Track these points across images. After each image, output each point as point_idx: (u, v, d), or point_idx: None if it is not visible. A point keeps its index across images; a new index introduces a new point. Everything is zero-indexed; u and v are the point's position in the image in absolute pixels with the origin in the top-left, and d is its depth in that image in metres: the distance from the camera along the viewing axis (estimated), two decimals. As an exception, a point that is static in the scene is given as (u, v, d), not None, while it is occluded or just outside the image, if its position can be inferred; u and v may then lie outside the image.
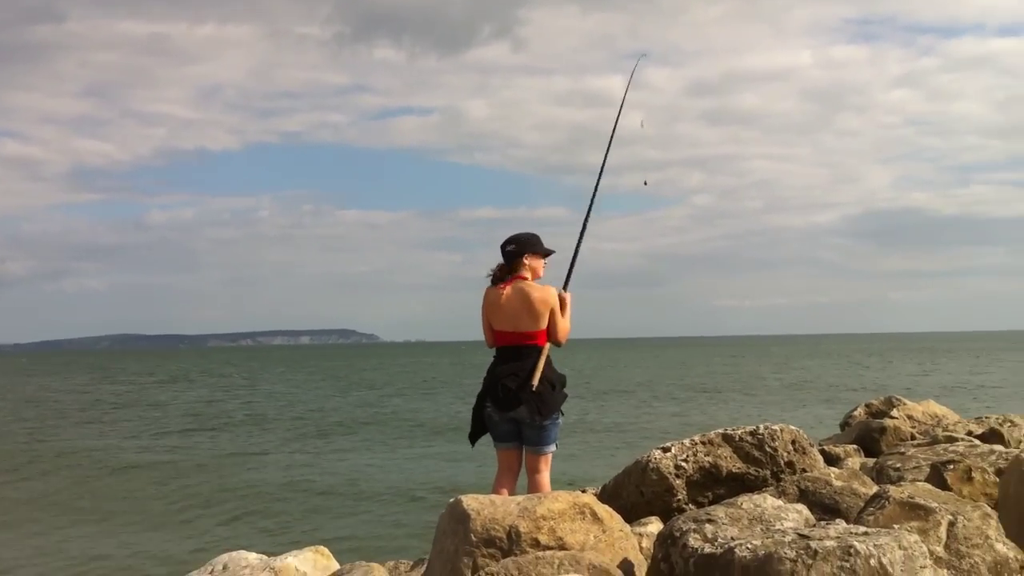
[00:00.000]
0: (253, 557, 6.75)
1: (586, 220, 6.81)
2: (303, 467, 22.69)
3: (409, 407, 40.44)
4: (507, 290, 6.31)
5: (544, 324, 6.25)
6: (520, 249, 6.37)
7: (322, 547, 6.98)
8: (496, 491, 6.18)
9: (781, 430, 7.62)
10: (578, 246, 6.71)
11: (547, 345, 6.29)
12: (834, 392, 42.83)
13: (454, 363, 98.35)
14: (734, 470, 7.39)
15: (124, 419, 37.61)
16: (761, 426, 7.66)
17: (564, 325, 6.29)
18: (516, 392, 6.20)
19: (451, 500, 5.50)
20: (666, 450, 7.53)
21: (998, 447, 8.34)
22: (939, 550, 4.98)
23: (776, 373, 64.43)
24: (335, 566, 6.79)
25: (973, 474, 6.87)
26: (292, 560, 6.63)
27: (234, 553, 6.85)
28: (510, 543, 5.18)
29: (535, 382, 6.17)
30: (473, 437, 6.54)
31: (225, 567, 6.65)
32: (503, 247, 6.42)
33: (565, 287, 6.50)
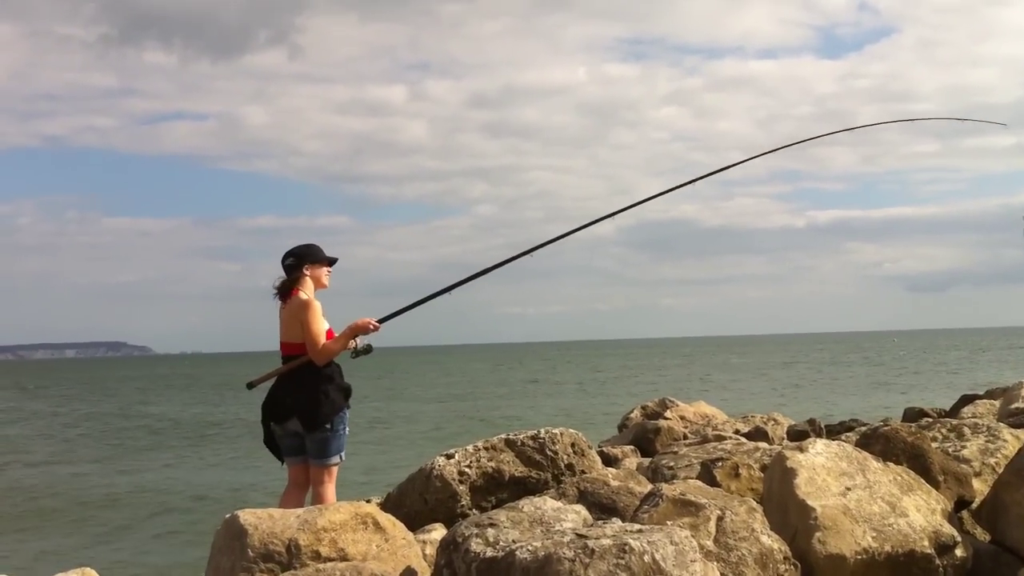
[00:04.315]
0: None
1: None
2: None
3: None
4: (287, 303, 6.31)
5: (302, 337, 6.22)
6: (298, 262, 6.35)
7: (88, 568, 6.60)
8: (282, 506, 6.06)
9: (561, 433, 7.79)
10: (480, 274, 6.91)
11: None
12: (613, 394, 44.18)
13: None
14: (517, 474, 7.49)
15: None
16: (542, 430, 7.80)
17: (312, 340, 6.16)
18: (287, 403, 6.21)
19: (227, 515, 5.33)
20: (449, 456, 7.55)
21: (763, 444, 8.82)
22: (709, 544, 5.21)
23: (571, 377, 65.95)
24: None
25: (740, 470, 7.23)
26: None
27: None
28: (290, 557, 5.07)
29: (255, 381, 6.37)
30: (277, 453, 6.43)
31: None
32: (283, 262, 6.40)
33: (385, 319, 6.44)
